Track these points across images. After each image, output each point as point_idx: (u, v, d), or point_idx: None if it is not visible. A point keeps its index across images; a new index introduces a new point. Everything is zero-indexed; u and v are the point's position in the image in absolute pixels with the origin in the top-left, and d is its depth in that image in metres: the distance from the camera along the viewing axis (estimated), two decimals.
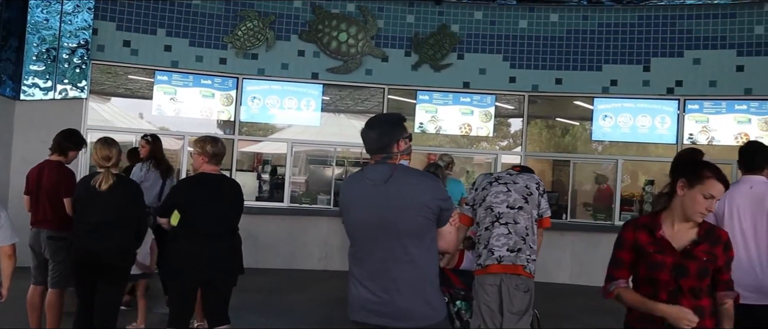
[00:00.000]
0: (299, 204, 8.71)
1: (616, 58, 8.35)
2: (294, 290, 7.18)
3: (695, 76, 8.13)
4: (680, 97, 8.25)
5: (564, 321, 6.21)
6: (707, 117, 8.19)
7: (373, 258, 2.66)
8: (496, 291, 3.85)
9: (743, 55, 7.95)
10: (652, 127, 8.35)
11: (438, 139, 9.38)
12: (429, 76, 8.65)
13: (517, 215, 3.89)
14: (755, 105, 8.01)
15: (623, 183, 8.71)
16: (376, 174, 2.66)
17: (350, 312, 2.74)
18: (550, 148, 9.71)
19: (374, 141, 2.68)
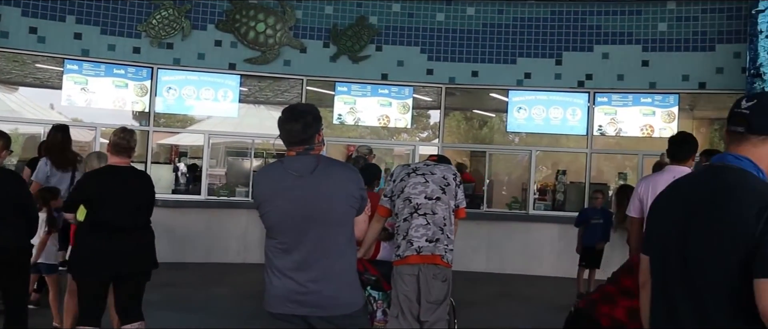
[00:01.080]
0: (217, 196, 9.26)
1: (530, 52, 9.27)
2: (212, 284, 7.62)
3: (604, 70, 9.11)
4: (590, 90, 9.22)
5: (480, 307, 6.91)
6: (615, 109, 9.19)
7: (302, 249, 2.85)
8: (415, 280, 4.14)
9: (648, 50, 9.00)
10: (564, 119, 9.31)
11: (358, 130, 10.18)
12: (347, 68, 9.35)
13: (435, 206, 4.19)
14: (659, 98, 9.07)
15: (540, 173, 9.77)
16: (300, 166, 2.85)
17: (270, 305, 2.91)
18: (468, 139, 10.67)
19: (299, 132, 2.85)
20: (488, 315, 6.71)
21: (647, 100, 9.11)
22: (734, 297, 1.83)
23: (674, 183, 2.17)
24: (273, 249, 2.90)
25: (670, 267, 2.01)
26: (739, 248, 1.81)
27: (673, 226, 2.02)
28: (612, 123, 9.21)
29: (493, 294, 7.77)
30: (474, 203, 9.36)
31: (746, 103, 1.99)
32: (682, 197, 2.06)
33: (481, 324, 6.25)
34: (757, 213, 1.80)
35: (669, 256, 2.02)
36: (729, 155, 2.01)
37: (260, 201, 2.92)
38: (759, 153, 1.98)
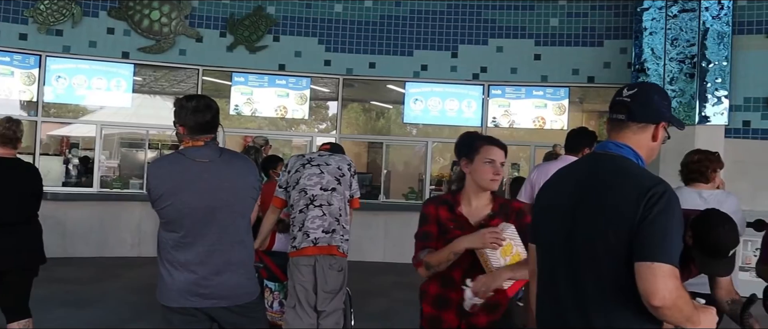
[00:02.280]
0: (110, 189, 9.76)
1: (427, 44, 10.22)
2: (106, 278, 7.97)
3: (498, 63, 10.11)
4: (485, 82, 10.23)
5: (376, 296, 7.53)
6: (509, 102, 10.25)
7: (205, 241, 3.02)
8: (311, 271, 4.44)
9: (540, 45, 10.09)
10: (460, 111, 10.29)
11: (257, 121, 10.98)
12: (244, 58, 10.03)
13: (330, 196, 4.49)
14: (550, 91, 10.19)
15: (437, 164, 10.87)
16: (203, 156, 3.04)
17: (168, 299, 3.05)
18: (366, 130, 11.63)
19: (209, 122, 3.05)
20: (384, 303, 7.26)
21: (539, 93, 10.23)
22: (617, 282, 2.04)
23: (558, 172, 2.39)
24: (172, 242, 3.02)
25: (555, 254, 2.21)
26: (620, 233, 2.01)
27: (557, 214, 2.22)
28: (506, 115, 10.31)
29: (389, 284, 8.43)
30: (372, 194, 10.36)
31: (628, 91, 2.23)
32: (565, 185, 2.26)
33: (378, 312, 6.82)
34: (636, 199, 2.00)
35: (554, 244, 2.22)
36: (610, 143, 2.23)
37: (160, 194, 3.00)
38: (639, 140, 2.19)
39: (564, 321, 2.17)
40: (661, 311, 1.96)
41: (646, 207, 1.99)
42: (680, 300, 1.98)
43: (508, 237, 2.87)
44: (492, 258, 2.84)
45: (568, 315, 2.15)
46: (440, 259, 2.88)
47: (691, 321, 2.06)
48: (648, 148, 2.23)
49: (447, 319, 2.97)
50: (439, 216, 2.95)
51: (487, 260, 2.85)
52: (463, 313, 2.85)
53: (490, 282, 2.78)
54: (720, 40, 8.96)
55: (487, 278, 2.79)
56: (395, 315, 6.93)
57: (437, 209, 2.99)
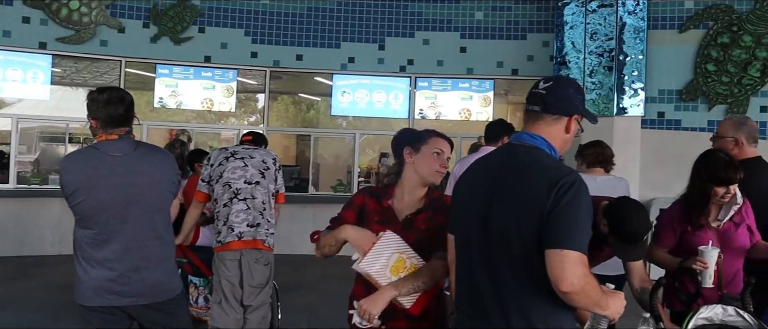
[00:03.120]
0: (28, 185, 9.52)
1: (354, 37, 10.30)
2: (24, 277, 7.86)
3: (425, 56, 10.29)
4: (411, 74, 10.41)
5: (304, 290, 7.60)
6: (435, 94, 10.47)
7: (123, 237, 2.98)
8: (237, 265, 4.46)
9: (466, 38, 10.32)
10: (387, 103, 10.45)
11: (185, 114, 10.90)
12: (169, 50, 9.94)
13: (254, 190, 4.50)
14: (476, 83, 10.44)
15: (367, 156, 11.02)
16: (117, 150, 3.01)
17: (85, 298, 3.00)
18: (296, 122, 11.69)
19: (122, 115, 3.02)
20: (312, 297, 7.33)
21: (465, 85, 10.46)
22: (530, 269, 2.11)
23: (474, 163, 2.43)
24: (88, 239, 2.98)
25: (471, 243, 2.26)
26: (532, 222, 2.08)
27: (474, 203, 2.26)
28: (432, 107, 10.52)
29: (318, 277, 8.50)
30: (300, 186, 10.41)
31: (543, 84, 2.30)
32: (480, 176, 2.31)
33: (306, 306, 6.88)
34: (547, 189, 2.08)
35: (470, 233, 2.26)
36: (525, 134, 2.29)
37: (73, 190, 2.95)
38: (552, 131, 2.27)
39: (481, 307, 2.23)
40: (570, 296, 2.04)
41: (556, 196, 2.06)
42: (588, 285, 2.06)
43: (397, 251, 2.68)
44: (381, 280, 2.63)
45: (485, 302, 2.21)
46: (326, 241, 2.77)
47: (600, 305, 2.16)
48: (561, 140, 2.31)
49: None
50: (365, 206, 2.86)
51: (377, 282, 2.65)
52: (385, 316, 2.69)
53: (370, 307, 2.57)
54: (636, 35, 9.34)
55: (367, 302, 2.59)
56: (323, 308, 6.98)
57: (365, 199, 2.90)
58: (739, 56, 9.54)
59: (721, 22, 9.60)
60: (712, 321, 3.04)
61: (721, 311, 3.05)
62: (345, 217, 2.84)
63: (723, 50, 9.57)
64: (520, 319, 2.15)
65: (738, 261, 3.53)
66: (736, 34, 9.56)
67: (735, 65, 9.56)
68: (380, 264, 2.65)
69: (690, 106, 9.64)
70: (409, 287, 2.63)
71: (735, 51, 9.55)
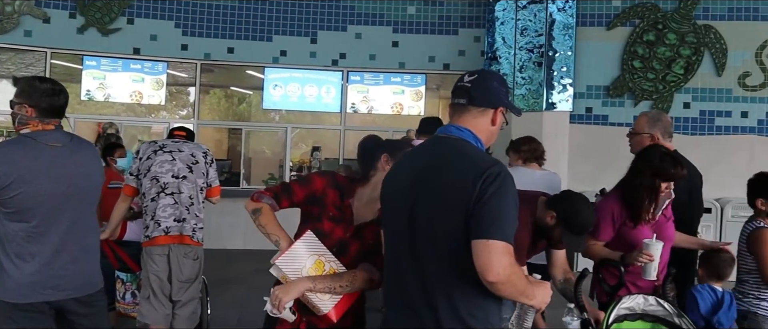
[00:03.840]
0: None
1: (286, 30, 10.29)
2: None
3: (357, 50, 10.33)
4: (344, 68, 10.45)
5: (236, 284, 7.57)
6: (368, 88, 10.52)
7: (60, 229, 2.95)
8: (165, 260, 4.43)
9: (398, 32, 10.40)
10: (319, 97, 10.47)
11: (114, 107, 10.79)
12: (96, 41, 9.78)
13: (181, 184, 4.47)
14: (408, 78, 10.53)
15: (299, 150, 11.05)
16: (56, 140, 2.98)
17: (15, 295, 2.91)
18: (228, 116, 11.65)
19: (62, 106, 3.02)
20: (243, 291, 7.30)
21: (397, 80, 10.54)
22: (456, 260, 2.12)
23: (404, 156, 2.47)
24: (23, 233, 2.90)
25: (399, 235, 2.27)
26: (458, 213, 2.09)
27: (401, 196, 2.27)
28: (364, 101, 10.57)
29: (249, 271, 8.33)
30: (232, 180, 10.38)
31: (468, 77, 2.32)
32: (408, 168, 2.32)
33: (237, 300, 6.86)
34: (473, 179, 2.09)
35: (398, 225, 2.27)
36: (452, 126, 2.31)
37: (9, 181, 2.85)
38: (478, 124, 2.30)
39: (408, 299, 2.24)
40: (496, 286, 2.05)
41: (482, 187, 2.08)
42: (514, 275, 2.08)
43: (316, 254, 2.69)
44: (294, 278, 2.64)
45: (412, 294, 2.22)
46: (268, 231, 2.75)
47: (526, 295, 2.18)
48: (487, 132, 2.33)
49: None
50: (324, 196, 2.81)
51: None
52: (304, 309, 2.73)
53: (282, 295, 2.61)
54: (565, 32, 9.51)
55: (280, 289, 2.62)
56: (255, 301, 6.93)
57: (327, 188, 2.84)
58: (664, 54, 9.79)
59: (647, 20, 9.82)
60: (634, 311, 3.15)
61: (643, 300, 3.16)
62: (294, 191, 2.83)
63: (649, 48, 9.81)
64: (448, 310, 2.17)
65: (667, 253, 3.63)
66: (661, 32, 9.80)
67: (660, 62, 9.80)
68: (298, 264, 2.65)
69: (616, 102, 9.86)
70: (325, 284, 2.65)
71: (660, 48, 9.79)
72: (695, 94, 9.83)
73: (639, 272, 3.45)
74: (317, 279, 2.65)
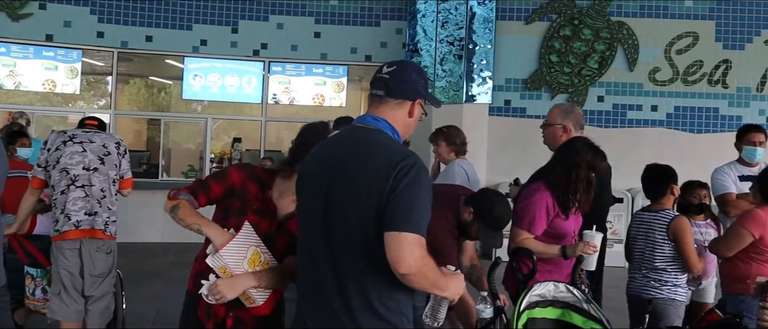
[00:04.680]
0: None
1: (206, 18, 10.11)
2: None
3: (278, 40, 10.26)
4: (265, 59, 10.38)
5: (153, 278, 7.45)
6: (289, 79, 10.47)
7: None
8: (77, 255, 4.31)
9: (320, 23, 10.42)
10: (240, 87, 10.38)
11: (27, 96, 10.40)
12: (6, 26, 9.41)
13: (92, 177, 4.34)
14: (330, 69, 10.54)
15: (221, 141, 10.98)
16: None
17: None
18: (148, 106, 11.50)
19: None
20: (161, 285, 7.21)
21: (319, 71, 10.55)
22: (370, 252, 2.12)
23: (319, 146, 2.43)
24: None
25: (313, 227, 2.25)
26: (372, 204, 2.09)
27: (316, 186, 2.26)
28: (286, 92, 10.56)
29: (167, 264, 8.36)
30: (150, 172, 10.23)
31: (387, 68, 2.31)
32: (323, 159, 2.30)
33: (154, 294, 6.77)
34: (386, 171, 2.08)
35: (313, 215, 2.25)
36: (369, 116, 2.30)
37: None
38: (395, 115, 2.29)
39: (321, 292, 2.24)
40: (408, 278, 2.06)
41: (396, 179, 2.07)
42: (426, 267, 2.08)
43: (254, 244, 2.66)
44: (236, 271, 2.60)
45: (325, 284, 2.22)
46: (189, 222, 2.65)
47: (438, 286, 2.20)
48: (405, 124, 2.33)
49: (214, 307, 2.74)
50: (245, 189, 2.75)
51: (231, 274, 2.61)
52: (231, 304, 2.68)
53: (226, 291, 2.56)
54: (485, 25, 9.71)
55: (224, 284, 2.57)
56: (172, 295, 6.81)
57: (245, 181, 2.77)
58: (580, 48, 10.10)
59: (563, 15, 10.11)
60: (545, 298, 3.22)
61: (553, 287, 3.23)
62: (211, 186, 2.76)
63: (565, 42, 10.10)
64: (361, 302, 2.17)
65: None
66: (577, 28, 10.11)
67: (576, 57, 10.11)
68: (239, 255, 2.62)
69: (534, 95, 10.13)
70: (269, 280, 2.64)
71: (576, 43, 10.10)
72: (609, 88, 10.18)
73: (554, 262, 3.60)
74: (261, 276, 2.63)
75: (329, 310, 2.21)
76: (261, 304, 2.65)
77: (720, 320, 3.75)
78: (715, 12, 10.14)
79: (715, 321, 3.75)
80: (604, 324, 3.12)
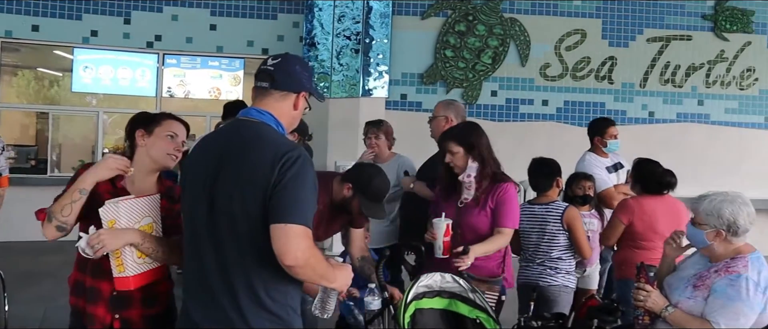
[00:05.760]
0: None
1: (97, 8, 9.81)
2: None
3: (173, 32, 10.05)
4: (159, 51, 10.15)
5: (43, 278, 7.26)
6: (184, 72, 10.28)
7: None
8: None
9: (216, 15, 10.30)
10: (133, 80, 10.14)
11: None
12: None
13: None
14: (226, 62, 10.41)
15: (115, 135, 10.78)
16: None
17: None
18: (39, 99, 11.17)
19: None
20: (50, 285, 7.02)
21: (215, 64, 10.43)
22: (256, 245, 2.14)
23: (203, 138, 2.46)
24: None
25: (199, 220, 2.25)
26: (257, 196, 2.11)
27: (201, 179, 2.26)
28: (181, 85, 10.44)
29: (59, 263, 8.03)
30: (39, 168, 9.89)
31: (272, 61, 2.35)
32: (208, 151, 2.31)
33: (41, 295, 6.62)
34: (271, 163, 2.11)
35: (198, 209, 2.25)
36: (253, 110, 2.32)
37: None
38: (281, 108, 2.32)
39: (208, 287, 2.23)
40: (295, 270, 2.09)
41: (281, 170, 2.10)
42: (313, 259, 2.11)
43: (151, 215, 2.68)
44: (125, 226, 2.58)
45: (212, 280, 2.22)
46: (64, 203, 2.60)
47: (326, 278, 2.24)
48: (289, 116, 2.36)
49: (97, 314, 2.71)
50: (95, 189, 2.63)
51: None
52: (115, 306, 2.67)
53: (109, 240, 2.52)
54: (382, 20, 9.84)
55: (108, 234, 2.52)
56: (63, 296, 6.80)
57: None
58: (474, 44, 10.37)
59: (458, 11, 10.36)
60: (432, 288, 3.28)
61: (440, 278, 3.29)
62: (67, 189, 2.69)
63: (460, 38, 10.35)
64: (247, 293, 2.18)
65: (472, 239, 3.72)
66: (471, 23, 10.36)
67: (470, 52, 10.37)
68: (135, 216, 2.61)
69: (430, 89, 10.33)
70: (151, 246, 2.61)
71: (470, 39, 10.36)
72: (502, 83, 10.49)
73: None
74: (147, 237, 2.61)
75: (216, 305, 2.22)
76: (129, 276, 2.59)
77: (599, 304, 3.98)
78: (602, 11, 10.57)
79: (594, 306, 3.96)
80: (489, 312, 3.22)
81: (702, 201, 3.13)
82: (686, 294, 3.12)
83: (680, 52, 10.65)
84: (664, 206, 4.64)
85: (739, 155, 10.62)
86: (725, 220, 3.03)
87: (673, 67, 10.68)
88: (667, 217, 4.52)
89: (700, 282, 3.10)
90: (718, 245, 3.09)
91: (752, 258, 3.06)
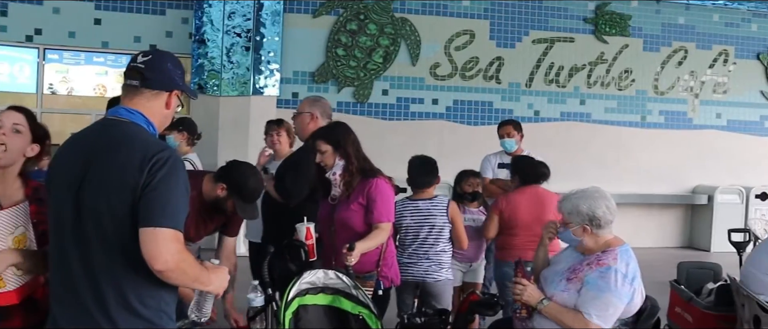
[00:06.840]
0: None
1: None
2: None
3: (55, 26, 9.65)
4: (40, 45, 9.75)
5: None
6: (67, 68, 9.89)
7: None
8: None
9: (101, 9, 9.98)
10: (12, 75, 9.71)
11: None
12: None
13: None
14: (112, 58, 10.09)
15: None
16: None
17: None
18: None
19: None
20: None
21: (100, 60, 10.10)
22: (125, 249, 2.08)
23: (69, 140, 2.34)
24: None
25: (65, 223, 2.17)
26: (126, 198, 2.06)
27: (67, 181, 2.17)
28: (64, 81, 10.12)
29: None
30: None
31: (142, 58, 2.27)
32: (75, 152, 2.23)
33: None
34: (140, 165, 2.06)
35: (64, 212, 2.17)
36: (122, 109, 2.25)
37: None
38: (151, 107, 2.26)
39: (74, 291, 2.15)
40: (166, 274, 2.04)
41: (150, 172, 2.05)
42: (184, 262, 2.07)
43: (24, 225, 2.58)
44: None
45: (79, 285, 2.14)
46: None
47: (200, 281, 2.20)
48: (161, 115, 2.31)
49: None
50: None
51: None
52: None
53: None
54: (273, 18, 9.85)
55: None
56: None
57: None
58: (365, 43, 10.51)
59: (350, 10, 10.47)
60: (316, 285, 3.33)
61: (323, 274, 3.36)
62: None
63: (351, 36, 10.47)
64: (117, 300, 2.12)
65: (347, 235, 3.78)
66: (362, 22, 10.50)
67: (361, 51, 10.51)
68: (8, 227, 2.51)
69: (322, 88, 10.40)
70: (31, 264, 2.51)
71: (361, 38, 10.50)
72: (393, 82, 10.68)
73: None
74: (26, 256, 2.51)
75: (84, 311, 2.14)
76: (11, 290, 2.52)
77: (479, 299, 4.15)
78: (490, 12, 10.91)
79: (475, 301, 4.13)
80: (371, 309, 3.31)
81: (563, 202, 3.38)
82: (560, 287, 3.32)
83: (563, 53, 11.11)
84: (528, 197, 5.01)
85: (618, 152, 11.23)
86: (585, 215, 3.27)
87: (557, 67, 11.13)
88: (531, 207, 4.92)
89: (573, 275, 3.31)
90: (587, 239, 3.33)
91: (621, 250, 3.30)
